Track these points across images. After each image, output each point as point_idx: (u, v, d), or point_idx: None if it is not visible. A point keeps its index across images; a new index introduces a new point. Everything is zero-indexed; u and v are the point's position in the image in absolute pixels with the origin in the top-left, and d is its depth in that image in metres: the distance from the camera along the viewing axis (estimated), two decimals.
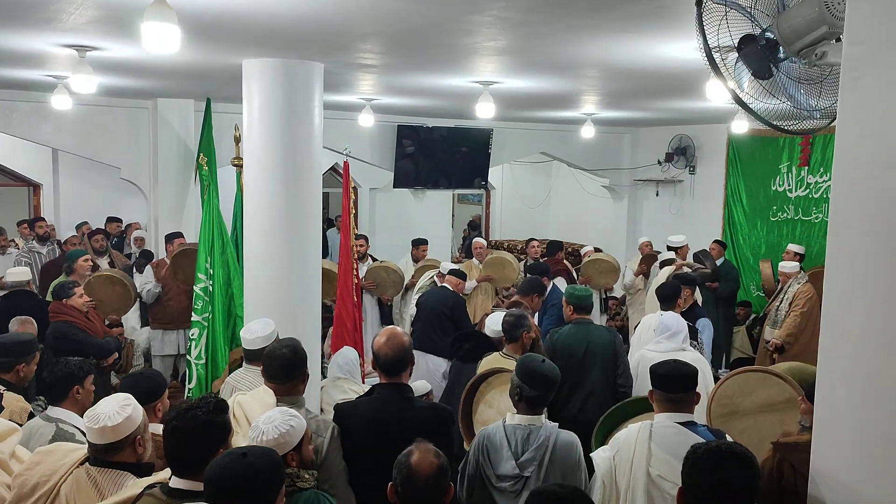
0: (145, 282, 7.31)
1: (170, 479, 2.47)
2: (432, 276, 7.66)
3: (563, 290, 5.84)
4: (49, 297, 6.63)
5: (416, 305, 7.15)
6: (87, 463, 2.72)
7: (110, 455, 2.69)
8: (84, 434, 3.31)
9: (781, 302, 7.29)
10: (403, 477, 2.42)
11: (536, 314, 6.24)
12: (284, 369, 3.30)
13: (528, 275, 7.31)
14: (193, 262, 6.07)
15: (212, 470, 2.19)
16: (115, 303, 6.73)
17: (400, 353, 3.33)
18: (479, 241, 9.44)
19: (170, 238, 7.54)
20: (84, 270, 6.89)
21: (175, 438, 2.47)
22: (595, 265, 8.82)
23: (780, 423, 3.61)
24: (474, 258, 8.88)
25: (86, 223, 9.62)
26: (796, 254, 8.21)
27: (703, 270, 7.93)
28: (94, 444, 2.71)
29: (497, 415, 4.00)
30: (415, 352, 6.91)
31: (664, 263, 8.08)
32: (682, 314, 6.25)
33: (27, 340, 4.16)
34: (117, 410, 2.69)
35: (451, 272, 7.08)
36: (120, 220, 10.11)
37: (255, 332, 3.88)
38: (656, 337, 5.04)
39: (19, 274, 6.59)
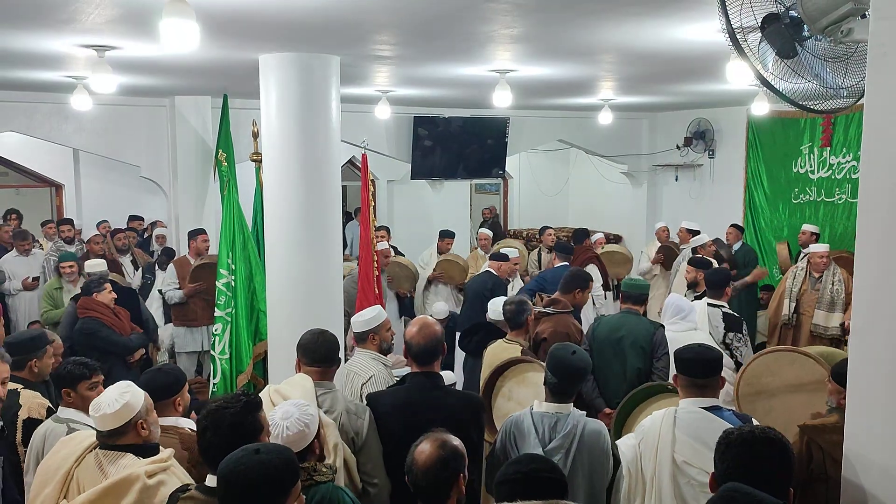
0: (170, 282, 7.36)
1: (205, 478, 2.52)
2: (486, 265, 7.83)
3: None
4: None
5: (464, 290, 7.41)
6: (97, 448, 2.86)
7: (114, 439, 2.82)
8: None
9: (833, 284, 7.16)
10: (408, 464, 2.51)
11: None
12: (330, 354, 3.46)
13: (558, 253, 7.44)
14: (213, 274, 6.11)
15: (225, 466, 2.18)
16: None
17: (431, 343, 3.38)
18: (485, 231, 9.45)
19: (192, 235, 7.59)
20: (70, 277, 6.97)
21: (206, 437, 2.50)
22: (609, 256, 8.96)
23: (809, 404, 3.58)
24: (479, 249, 8.93)
25: (105, 221, 9.70)
26: (812, 233, 8.12)
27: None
28: (99, 430, 2.85)
29: (517, 405, 3.98)
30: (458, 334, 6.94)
31: (696, 250, 8.01)
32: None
33: (37, 335, 4.20)
34: (116, 398, 2.82)
35: (492, 256, 7.34)
36: (142, 219, 10.20)
37: (361, 315, 4.09)
38: (671, 318, 5.06)
39: (96, 265, 6.73)
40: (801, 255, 7.93)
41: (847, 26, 2.54)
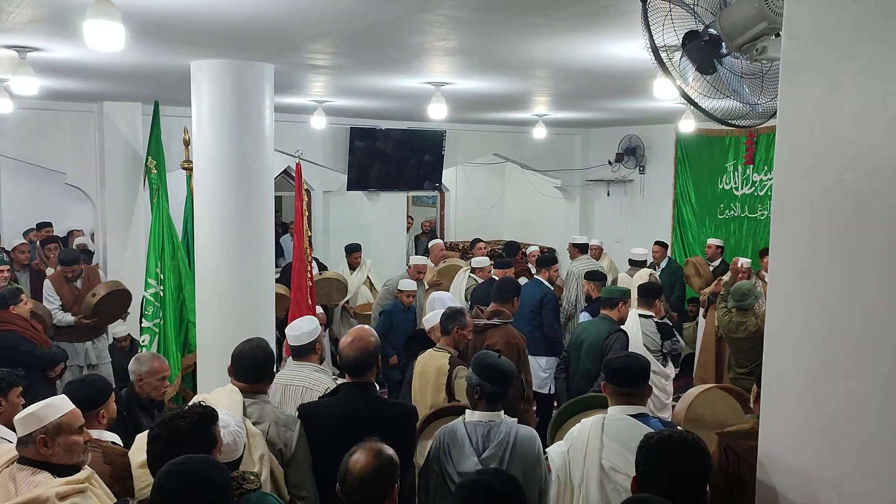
0: (48, 296, 6.87)
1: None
2: (468, 273, 7.96)
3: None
4: None
5: (468, 298, 7.40)
6: (15, 462, 2.73)
7: (20, 450, 2.70)
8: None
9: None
10: (341, 474, 2.46)
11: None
12: (254, 371, 3.32)
13: (496, 268, 7.52)
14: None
15: (162, 478, 2.12)
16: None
17: (362, 356, 3.32)
18: (439, 242, 9.38)
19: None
20: None
21: (157, 448, 2.42)
22: None
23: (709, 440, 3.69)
24: (429, 260, 8.88)
25: (33, 230, 9.32)
26: (718, 247, 8.50)
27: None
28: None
29: None
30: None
31: (635, 264, 8.20)
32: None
33: None
34: (33, 407, 2.69)
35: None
36: (50, 225, 9.70)
37: (300, 328, 3.87)
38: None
39: None
40: (711, 266, 8.32)
41: (762, 44, 2.66)
